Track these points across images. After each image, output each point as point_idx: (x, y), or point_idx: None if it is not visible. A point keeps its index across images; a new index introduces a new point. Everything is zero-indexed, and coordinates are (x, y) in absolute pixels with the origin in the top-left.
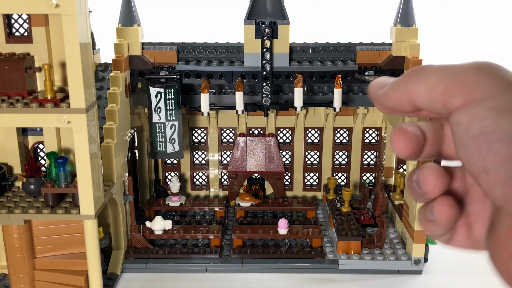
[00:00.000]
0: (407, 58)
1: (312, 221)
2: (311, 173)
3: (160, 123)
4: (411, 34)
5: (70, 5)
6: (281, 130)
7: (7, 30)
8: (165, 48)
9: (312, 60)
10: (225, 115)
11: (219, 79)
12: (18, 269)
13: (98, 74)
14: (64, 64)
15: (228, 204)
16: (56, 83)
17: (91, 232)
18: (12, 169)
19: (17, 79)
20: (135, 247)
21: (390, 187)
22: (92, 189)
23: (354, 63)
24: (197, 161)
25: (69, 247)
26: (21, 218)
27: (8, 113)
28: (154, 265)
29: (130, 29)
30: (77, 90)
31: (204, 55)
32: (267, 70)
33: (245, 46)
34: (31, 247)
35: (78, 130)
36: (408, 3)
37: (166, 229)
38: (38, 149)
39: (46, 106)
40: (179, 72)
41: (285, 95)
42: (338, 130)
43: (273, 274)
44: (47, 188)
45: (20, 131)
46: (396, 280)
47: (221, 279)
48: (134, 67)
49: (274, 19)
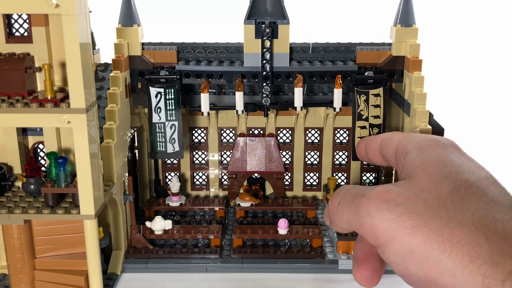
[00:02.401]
0: (407, 58)
1: (312, 221)
2: (311, 173)
3: (160, 123)
4: (411, 34)
5: (70, 5)
6: (281, 130)
7: (7, 30)
8: (165, 48)
9: (312, 60)
10: (225, 115)
11: (219, 79)
12: (18, 269)
13: (98, 74)
14: (64, 64)
15: (228, 204)
16: (56, 83)
17: (91, 232)
18: (12, 169)
19: (17, 79)
20: (135, 247)
21: None
22: (92, 189)
23: (354, 63)
24: (197, 161)
25: (69, 247)
26: (21, 218)
27: (8, 113)
28: (154, 265)
29: (130, 29)
30: (77, 90)
31: (204, 55)
32: (267, 70)
33: (245, 46)
34: (31, 247)
35: (78, 130)
36: (408, 3)
37: (166, 229)
38: (38, 149)
39: (46, 106)
40: (179, 72)
41: (285, 95)
42: (338, 130)
43: (273, 274)
44: (47, 188)
45: (20, 131)
46: (396, 280)
47: (221, 279)
48: (134, 67)
49: (274, 19)
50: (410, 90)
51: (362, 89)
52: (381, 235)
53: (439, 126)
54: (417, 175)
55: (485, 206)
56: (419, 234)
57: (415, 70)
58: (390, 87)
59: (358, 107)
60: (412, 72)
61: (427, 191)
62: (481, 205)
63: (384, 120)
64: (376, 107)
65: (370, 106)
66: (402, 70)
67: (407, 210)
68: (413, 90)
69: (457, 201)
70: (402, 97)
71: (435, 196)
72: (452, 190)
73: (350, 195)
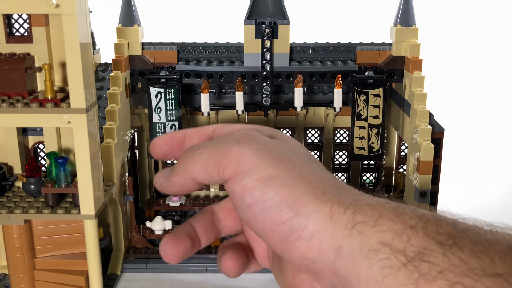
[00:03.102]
0: (407, 58)
1: None
2: None
3: (160, 123)
4: (411, 34)
5: (70, 5)
6: (281, 130)
7: (7, 30)
8: (165, 48)
9: (312, 60)
10: (225, 115)
11: (219, 79)
12: (18, 269)
13: (98, 74)
14: (64, 64)
15: None
16: (56, 83)
17: (91, 232)
18: (12, 169)
19: (17, 79)
20: (135, 247)
21: (390, 187)
22: (92, 189)
23: (354, 63)
24: None
25: (69, 247)
26: (21, 218)
27: (8, 113)
28: (154, 265)
29: (130, 29)
30: (77, 90)
31: (204, 55)
32: (267, 70)
33: (245, 46)
34: (31, 247)
35: (78, 130)
36: (408, 3)
37: (166, 229)
38: (38, 149)
39: (46, 106)
40: (179, 72)
41: (285, 95)
42: (338, 130)
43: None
44: (47, 188)
45: (20, 131)
46: None
47: (221, 279)
48: (134, 67)
49: (274, 19)
50: (410, 90)
51: (362, 89)
52: (246, 162)
53: (439, 126)
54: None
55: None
56: (284, 164)
57: (415, 70)
58: (390, 87)
59: (357, 107)
60: (412, 72)
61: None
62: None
63: (383, 120)
64: (376, 107)
65: (369, 106)
66: (402, 70)
67: (276, 146)
68: (413, 90)
69: (311, 158)
70: (402, 97)
71: (297, 152)
72: (305, 155)
73: (211, 141)
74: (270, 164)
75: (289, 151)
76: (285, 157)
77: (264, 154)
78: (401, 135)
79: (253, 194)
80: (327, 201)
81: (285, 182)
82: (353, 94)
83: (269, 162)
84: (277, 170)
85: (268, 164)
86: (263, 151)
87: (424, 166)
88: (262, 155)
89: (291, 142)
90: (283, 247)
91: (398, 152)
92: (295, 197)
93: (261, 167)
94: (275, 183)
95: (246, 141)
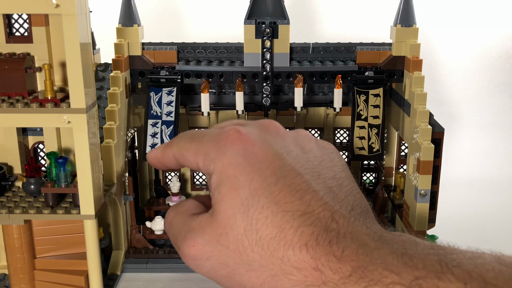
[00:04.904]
0: (407, 58)
1: None
2: None
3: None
4: (411, 34)
5: (70, 5)
6: None
7: (7, 30)
8: (165, 48)
9: (312, 60)
10: (225, 115)
11: (219, 79)
12: (18, 269)
13: (98, 74)
14: (64, 64)
15: None
16: (56, 83)
17: (91, 232)
18: (12, 169)
19: (17, 79)
20: (135, 247)
21: (390, 187)
22: (92, 189)
23: (354, 63)
24: None
25: (69, 247)
26: (21, 218)
27: (8, 113)
28: (154, 265)
29: (130, 29)
30: (77, 90)
31: (204, 55)
32: (267, 70)
33: (245, 46)
34: (31, 247)
35: (78, 130)
36: (408, 3)
37: None
38: (38, 149)
39: (46, 106)
40: (179, 72)
41: (285, 95)
42: (338, 130)
43: None
44: (47, 188)
45: (20, 131)
46: None
47: None
48: (134, 67)
49: (274, 19)
50: (410, 90)
51: (362, 89)
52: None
53: (439, 126)
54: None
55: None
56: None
57: (415, 70)
58: (390, 87)
59: (357, 107)
60: (412, 72)
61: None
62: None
63: (383, 120)
64: (376, 107)
65: (369, 106)
66: (402, 70)
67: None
68: (413, 90)
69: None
70: (402, 97)
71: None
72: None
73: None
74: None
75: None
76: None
77: (245, 148)
78: (401, 135)
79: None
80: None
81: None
82: (353, 94)
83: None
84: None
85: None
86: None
87: (424, 166)
88: (241, 152)
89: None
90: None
91: (398, 152)
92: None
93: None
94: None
95: (227, 136)
